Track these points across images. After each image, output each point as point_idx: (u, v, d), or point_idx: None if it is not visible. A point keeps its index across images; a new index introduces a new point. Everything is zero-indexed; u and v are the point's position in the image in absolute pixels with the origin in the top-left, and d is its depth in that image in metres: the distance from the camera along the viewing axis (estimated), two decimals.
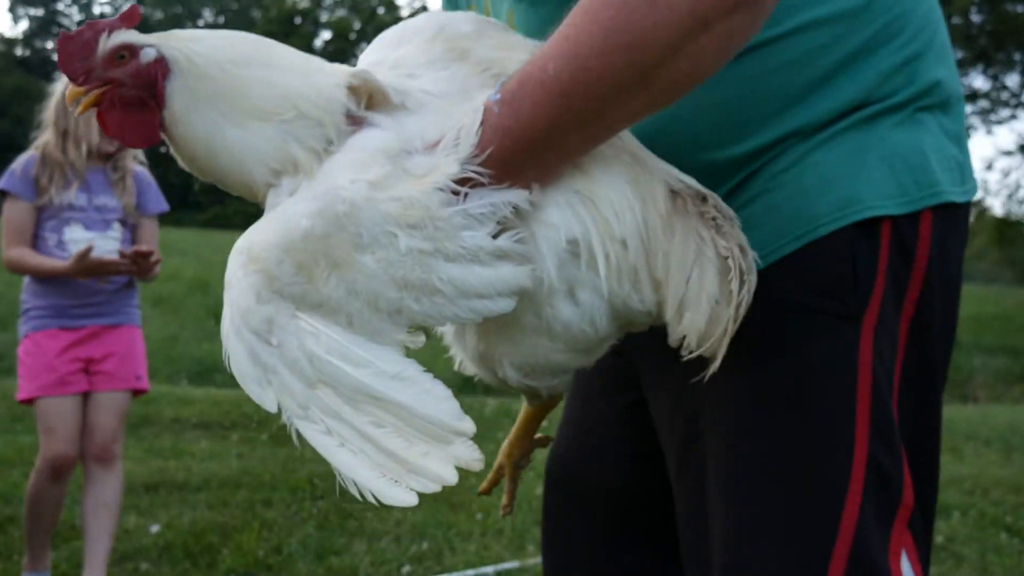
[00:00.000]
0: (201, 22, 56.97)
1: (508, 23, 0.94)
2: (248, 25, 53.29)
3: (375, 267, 0.70)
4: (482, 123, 0.72)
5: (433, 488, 0.71)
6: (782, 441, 0.81)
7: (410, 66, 0.80)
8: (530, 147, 0.72)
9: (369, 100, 0.76)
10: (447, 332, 0.88)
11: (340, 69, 0.78)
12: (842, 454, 0.80)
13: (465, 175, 0.70)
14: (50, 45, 55.51)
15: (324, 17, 52.14)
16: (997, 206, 20.70)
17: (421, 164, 0.72)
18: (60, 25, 55.31)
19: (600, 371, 0.93)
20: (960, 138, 0.88)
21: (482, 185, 0.71)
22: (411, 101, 0.76)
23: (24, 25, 54.90)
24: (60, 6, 55.12)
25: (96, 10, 56.33)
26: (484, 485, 1.04)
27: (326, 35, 50.82)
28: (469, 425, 0.74)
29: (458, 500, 3.48)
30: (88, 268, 2.41)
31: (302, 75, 0.77)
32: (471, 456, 0.72)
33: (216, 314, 10.45)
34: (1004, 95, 17.84)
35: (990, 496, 4.05)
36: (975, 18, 16.22)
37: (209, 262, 15.97)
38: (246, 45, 0.79)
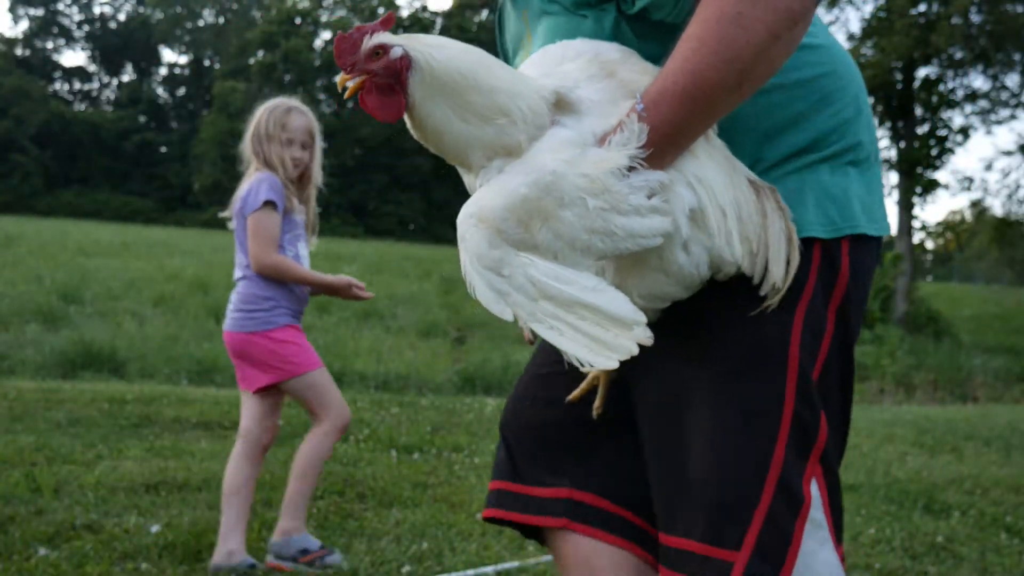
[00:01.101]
0: (201, 22, 56.91)
1: (541, 35, 1.24)
2: (248, 25, 53.26)
3: (573, 219, 1.00)
4: (633, 124, 1.03)
5: (624, 356, 0.99)
6: (736, 398, 1.13)
7: (575, 80, 1.10)
8: (668, 139, 1.03)
9: (559, 105, 1.06)
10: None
11: (543, 85, 1.06)
12: (775, 409, 1.12)
13: (632, 163, 1.02)
14: (50, 45, 55.53)
15: (324, 17, 52.09)
16: (997, 206, 20.65)
17: (598, 153, 1.02)
18: (60, 25, 55.29)
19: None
20: (874, 190, 1.22)
21: (638, 167, 1.02)
22: (583, 107, 1.07)
23: (24, 25, 54.83)
24: (60, 6, 55.05)
25: (96, 10, 56.30)
26: (575, 393, 1.27)
27: (326, 35, 50.78)
28: (643, 317, 1.01)
29: (458, 500, 3.48)
30: (340, 287, 2.86)
31: (513, 90, 1.05)
32: (646, 335, 1.00)
33: (216, 314, 10.49)
34: (1004, 95, 17.84)
35: (990, 496, 4.05)
36: (975, 18, 16.22)
37: (209, 262, 15.97)
38: (473, 60, 1.06)
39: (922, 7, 16.60)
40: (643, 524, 1.27)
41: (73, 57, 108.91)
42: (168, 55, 65.03)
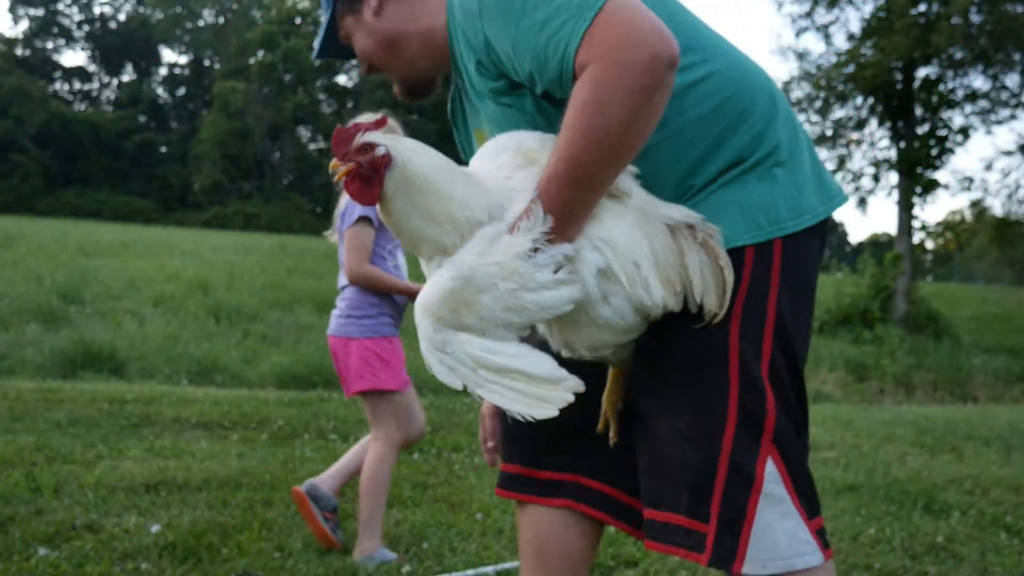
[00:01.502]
0: (201, 22, 56.90)
1: (486, 125, 1.45)
2: (248, 25, 53.24)
3: (490, 302, 1.19)
4: (534, 210, 1.20)
5: (554, 411, 1.20)
6: (688, 396, 1.31)
7: (506, 170, 1.29)
8: (563, 216, 1.20)
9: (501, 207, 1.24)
10: (542, 329, 1.35)
11: (494, 200, 1.24)
12: (722, 402, 1.29)
13: (535, 246, 1.19)
14: (50, 45, 55.51)
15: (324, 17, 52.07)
16: (997, 206, 20.62)
17: (507, 240, 1.20)
18: (60, 25, 55.26)
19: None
20: (802, 182, 1.34)
21: (542, 247, 1.19)
22: (511, 200, 1.24)
23: (24, 25, 54.81)
24: (60, 6, 55.04)
25: (96, 10, 56.30)
26: (600, 426, 1.48)
27: None
28: (564, 373, 1.21)
29: (458, 500, 3.48)
30: None
31: (465, 202, 1.23)
32: (576, 385, 1.20)
33: (216, 314, 10.49)
34: (1004, 95, 17.83)
35: (990, 496, 4.05)
36: (975, 18, 16.21)
37: (209, 262, 15.97)
38: (440, 171, 1.23)
39: (922, 7, 16.59)
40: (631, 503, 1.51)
41: (73, 57, 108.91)
42: (168, 55, 65.11)
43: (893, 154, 18.20)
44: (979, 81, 17.90)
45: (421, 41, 1.47)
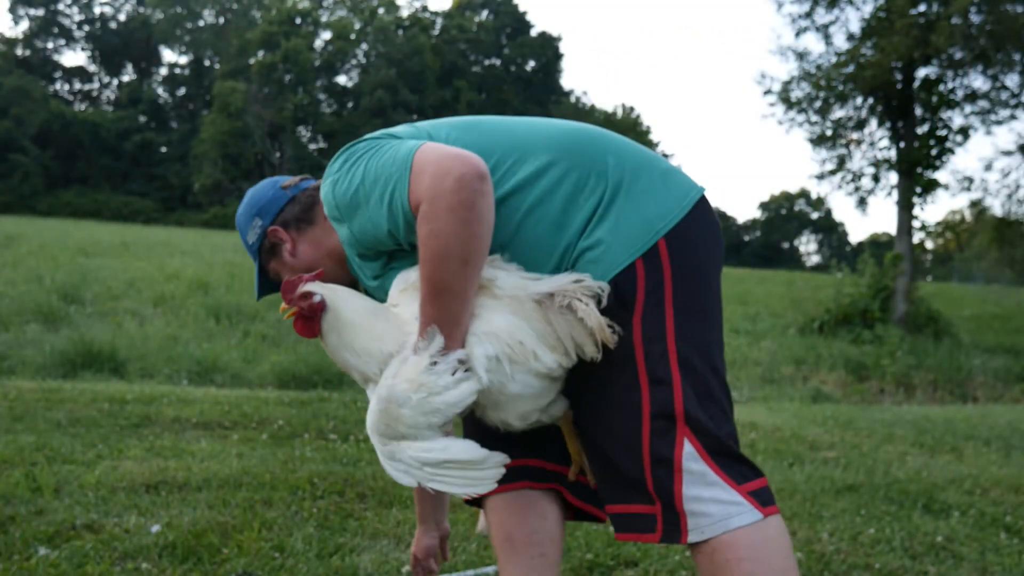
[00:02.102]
0: (201, 22, 56.87)
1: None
2: (248, 25, 53.21)
3: (409, 412, 1.45)
4: (422, 330, 1.47)
5: (492, 484, 1.49)
6: (608, 400, 1.52)
7: (403, 303, 1.55)
8: (443, 325, 1.45)
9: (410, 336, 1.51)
10: (479, 415, 1.58)
11: (403, 337, 1.51)
12: (635, 396, 1.49)
13: (432, 360, 1.45)
14: (51, 45, 55.47)
15: (324, 17, 52.06)
16: (996, 206, 20.56)
17: (412, 360, 1.46)
18: (60, 25, 55.21)
19: None
20: (650, 189, 1.55)
21: (438, 359, 1.45)
22: (410, 326, 1.51)
23: (24, 25, 54.78)
24: (60, 6, 55.02)
25: (96, 10, 56.28)
26: (572, 473, 1.71)
27: (326, 35, 50.76)
28: (486, 452, 1.48)
29: (458, 500, 3.48)
30: None
31: (382, 337, 1.52)
32: (501, 460, 1.49)
33: (216, 314, 10.49)
34: (1003, 95, 17.82)
35: (990, 496, 4.05)
36: (974, 18, 16.20)
37: (210, 262, 15.96)
38: (364, 314, 1.54)
39: (922, 7, 16.58)
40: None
41: (73, 57, 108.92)
42: (168, 55, 65.04)
43: (893, 154, 18.19)
44: (979, 81, 17.84)
45: (331, 259, 1.76)
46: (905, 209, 17.73)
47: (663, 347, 1.48)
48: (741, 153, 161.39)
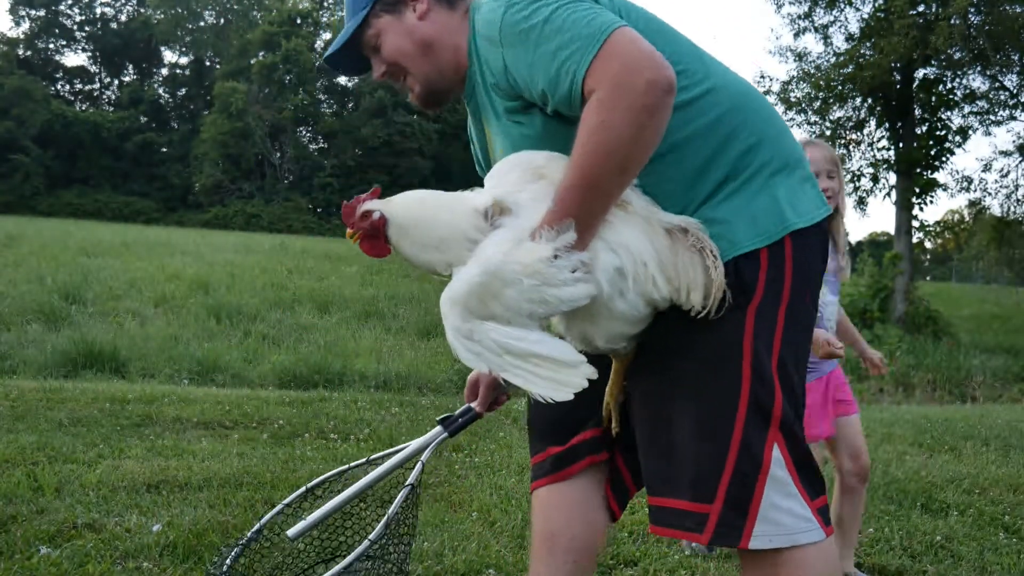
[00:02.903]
0: (202, 22, 56.87)
1: (497, 141, 1.61)
2: (249, 26, 53.20)
3: (515, 294, 1.34)
4: (552, 219, 1.36)
5: (577, 389, 1.35)
6: (702, 385, 1.43)
7: (516, 185, 1.46)
8: (578, 222, 1.35)
9: (501, 211, 1.42)
10: (559, 325, 1.49)
11: (476, 206, 1.42)
12: (735, 391, 1.42)
13: (555, 253, 1.34)
14: (52, 46, 55.46)
15: (325, 18, 52.03)
16: (995, 206, 20.59)
17: (530, 245, 1.35)
18: (61, 26, 55.21)
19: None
20: (799, 187, 1.49)
21: (564, 252, 1.35)
22: (519, 209, 1.42)
23: (25, 26, 54.77)
24: (61, 7, 55.02)
25: (97, 11, 56.26)
26: (604, 422, 1.65)
27: (327, 36, 50.73)
28: (583, 357, 1.37)
29: (458, 500, 3.49)
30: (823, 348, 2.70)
31: (451, 224, 1.43)
32: (590, 371, 1.36)
33: (216, 314, 10.49)
34: (1002, 95, 17.82)
35: (988, 495, 4.06)
36: (973, 19, 16.21)
37: (210, 262, 15.97)
38: (424, 210, 1.47)
39: (921, 8, 16.59)
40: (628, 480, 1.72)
41: (74, 58, 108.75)
42: (169, 56, 64.96)
43: (892, 154, 18.21)
44: (978, 82, 17.86)
45: (452, 53, 1.60)
46: (904, 209, 17.74)
47: (770, 345, 1.43)
48: None
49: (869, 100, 18.05)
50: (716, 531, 1.41)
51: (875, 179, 18.51)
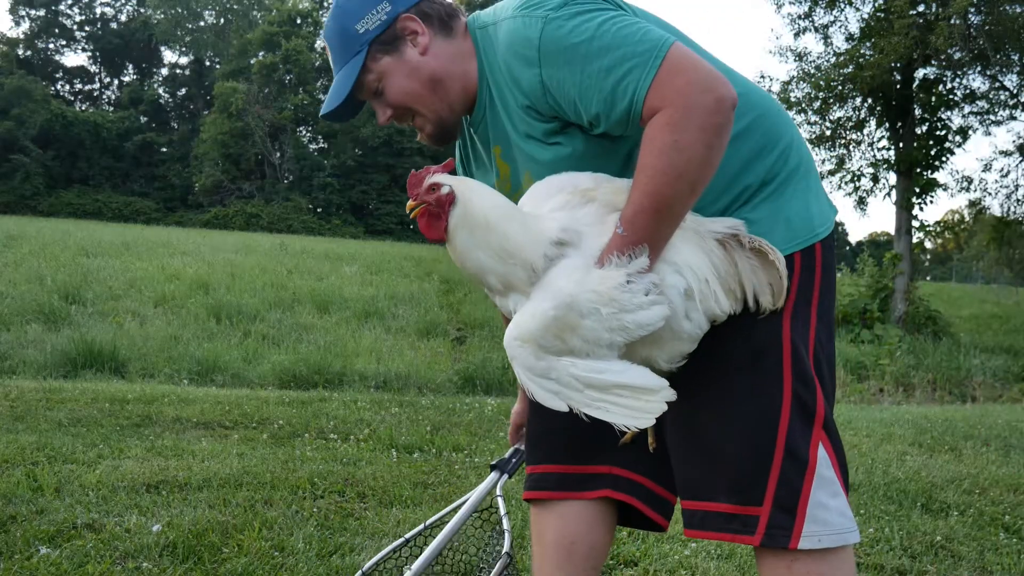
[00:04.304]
0: (202, 22, 56.87)
1: (523, 163, 1.54)
2: (249, 26, 53.20)
3: (594, 325, 1.29)
4: (623, 244, 1.31)
5: (658, 414, 1.31)
6: (744, 386, 1.42)
7: (567, 208, 1.39)
8: (649, 246, 1.32)
9: (561, 243, 1.34)
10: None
11: (547, 235, 1.34)
12: (777, 391, 1.41)
13: (629, 279, 1.30)
14: (52, 46, 55.44)
15: (325, 18, 51.99)
16: (995, 206, 20.61)
17: (601, 273, 1.31)
18: (61, 26, 55.20)
19: None
20: (819, 191, 1.51)
21: (636, 277, 1.31)
22: (579, 236, 1.35)
23: (25, 26, 54.77)
24: (61, 7, 55.03)
25: (97, 11, 56.28)
26: (626, 437, 1.60)
27: None
28: (664, 382, 1.32)
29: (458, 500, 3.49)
30: None
31: (524, 240, 1.34)
32: (671, 394, 1.32)
33: (216, 314, 10.49)
34: (1002, 96, 17.82)
35: (989, 495, 4.06)
36: (973, 19, 16.21)
37: (210, 262, 15.96)
38: (500, 211, 1.36)
39: (921, 8, 16.59)
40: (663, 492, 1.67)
41: (74, 58, 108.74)
42: (169, 56, 64.95)
43: (892, 154, 18.21)
44: (978, 82, 17.87)
45: (461, 82, 1.51)
46: (904, 209, 17.74)
47: (807, 347, 1.44)
48: None
49: (869, 100, 18.05)
50: (767, 532, 1.40)
51: (875, 179, 18.51)
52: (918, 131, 17.74)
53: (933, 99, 17.42)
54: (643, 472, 1.63)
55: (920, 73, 17.63)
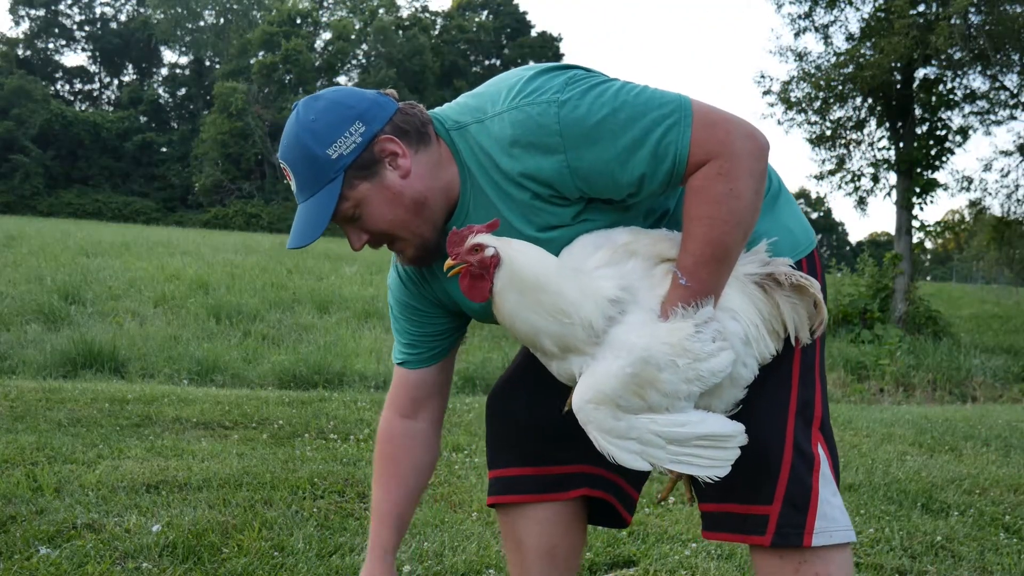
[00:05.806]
0: (202, 22, 56.86)
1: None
2: (249, 25, 53.20)
3: (672, 377, 1.30)
4: (687, 295, 1.34)
5: (728, 466, 1.35)
6: (760, 384, 1.43)
7: (613, 266, 1.38)
8: (712, 293, 1.35)
9: (617, 302, 1.34)
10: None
11: (605, 286, 1.34)
12: (785, 391, 1.46)
13: (698, 330, 1.31)
14: (51, 46, 55.44)
15: (325, 18, 52.04)
16: (995, 206, 20.58)
17: (669, 325, 1.32)
18: (61, 26, 55.20)
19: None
20: (796, 209, 1.58)
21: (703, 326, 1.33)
22: (633, 292, 1.35)
23: (25, 26, 54.76)
24: (61, 7, 55.03)
25: (97, 11, 56.28)
26: (663, 494, 1.62)
27: (327, 35, 50.74)
28: (740, 426, 1.37)
29: (458, 500, 3.49)
30: None
31: (580, 299, 1.32)
32: (744, 439, 1.36)
33: (216, 314, 10.49)
34: (1003, 95, 17.82)
35: (989, 495, 4.06)
36: (974, 19, 16.20)
37: (210, 262, 15.96)
38: (549, 269, 1.33)
39: (921, 8, 16.58)
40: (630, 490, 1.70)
41: (74, 58, 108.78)
42: (169, 55, 64.97)
43: (892, 154, 18.20)
44: (978, 82, 17.85)
45: (444, 195, 1.42)
46: (904, 209, 17.73)
47: (812, 349, 1.50)
48: None
49: (869, 100, 18.04)
50: (778, 531, 1.42)
51: (875, 179, 18.50)
52: (918, 131, 17.73)
53: (933, 99, 17.41)
54: (609, 467, 1.58)
55: (920, 73, 17.62)
